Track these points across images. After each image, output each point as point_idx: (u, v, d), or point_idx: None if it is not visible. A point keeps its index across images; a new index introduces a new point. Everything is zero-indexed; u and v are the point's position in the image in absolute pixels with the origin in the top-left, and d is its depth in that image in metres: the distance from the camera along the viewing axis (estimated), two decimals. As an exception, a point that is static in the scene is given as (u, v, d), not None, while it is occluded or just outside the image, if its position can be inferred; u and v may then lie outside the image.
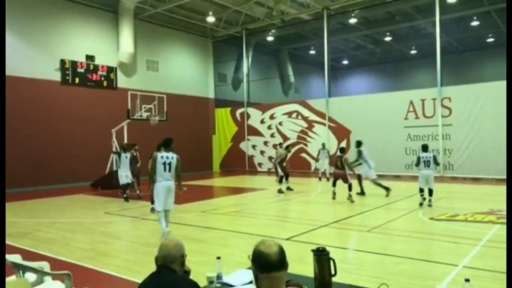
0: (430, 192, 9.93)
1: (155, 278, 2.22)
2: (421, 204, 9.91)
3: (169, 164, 7.11)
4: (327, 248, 2.68)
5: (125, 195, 11.79)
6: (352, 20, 20.93)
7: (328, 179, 16.03)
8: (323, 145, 17.14)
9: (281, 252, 1.95)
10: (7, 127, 14.64)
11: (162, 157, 7.09)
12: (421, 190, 10.05)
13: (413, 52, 28.06)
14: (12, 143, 14.59)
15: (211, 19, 19.97)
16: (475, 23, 21.37)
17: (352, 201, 10.76)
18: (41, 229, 8.17)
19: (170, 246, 2.29)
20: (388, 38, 25.34)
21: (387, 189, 11.73)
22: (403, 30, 24.21)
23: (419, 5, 20.08)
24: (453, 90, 16.54)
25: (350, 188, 11.05)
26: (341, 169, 11.33)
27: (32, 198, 12.76)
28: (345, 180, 11.14)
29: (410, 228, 7.76)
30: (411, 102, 17.27)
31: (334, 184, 11.48)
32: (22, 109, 15.19)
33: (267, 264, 1.91)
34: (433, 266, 5.26)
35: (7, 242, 7.02)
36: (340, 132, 19.07)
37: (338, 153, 12.17)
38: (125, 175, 11.91)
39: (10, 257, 3.68)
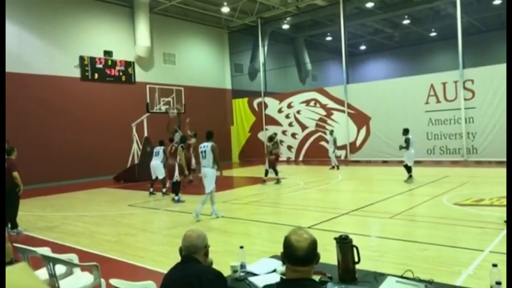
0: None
1: (180, 269, 2.25)
2: (410, 177, 11.44)
3: (204, 152, 8.01)
4: (350, 236, 2.67)
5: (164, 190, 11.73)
6: (369, 4, 20.47)
7: (335, 167, 16.24)
8: (331, 132, 17.07)
9: (310, 247, 1.91)
10: (31, 125, 15.06)
11: (200, 146, 8.21)
12: (410, 169, 11.56)
13: (433, 34, 27.33)
14: (36, 140, 14.98)
15: (225, 9, 19.91)
16: (497, 2, 20.61)
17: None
18: (68, 223, 8.40)
19: (193, 237, 2.32)
20: (406, 21, 24.73)
21: (410, 176, 11.68)
22: (422, 12, 23.55)
23: (438, -15, 19.50)
24: (476, 72, 16.07)
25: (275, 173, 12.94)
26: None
27: (58, 192, 13.10)
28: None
29: (434, 213, 7.64)
30: (432, 86, 16.87)
31: (266, 174, 13.09)
32: (44, 106, 15.55)
33: (294, 257, 1.90)
34: (459, 251, 5.18)
35: (36, 235, 7.27)
36: (360, 118, 18.83)
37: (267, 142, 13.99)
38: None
39: (40, 250, 3.80)
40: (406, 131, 12.39)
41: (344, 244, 2.63)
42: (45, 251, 3.85)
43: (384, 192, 10.33)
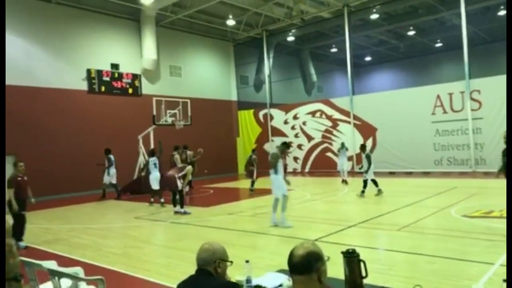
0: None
1: (193, 281, 2.24)
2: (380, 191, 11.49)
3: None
4: (357, 249, 2.64)
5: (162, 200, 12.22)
6: (374, 16, 20.59)
7: (344, 181, 15.20)
8: (342, 144, 16.19)
9: (307, 256, 1.88)
10: (40, 137, 15.20)
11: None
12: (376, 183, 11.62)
13: (438, 45, 27.35)
14: (44, 152, 15.09)
15: (231, 22, 20.10)
16: (502, 13, 20.64)
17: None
18: (74, 235, 8.41)
19: (201, 250, 2.32)
20: (411, 32, 24.80)
21: (380, 190, 11.79)
22: (427, 23, 23.64)
23: (443, -3, 19.58)
24: (483, 82, 16.01)
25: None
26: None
27: (64, 205, 13.14)
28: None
29: (442, 226, 7.55)
30: (438, 96, 16.83)
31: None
32: (52, 118, 15.70)
33: (289, 264, 1.90)
34: (468, 265, 5.10)
35: (43, 248, 7.28)
36: (366, 129, 18.79)
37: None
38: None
39: (46, 264, 3.80)
40: (364, 147, 12.36)
41: (351, 258, 2.60)
42: (51, 264, 3.84)
43: (391, 203, 10.24)
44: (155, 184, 12.47)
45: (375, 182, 11.72)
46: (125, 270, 5.65)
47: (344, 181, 15.23)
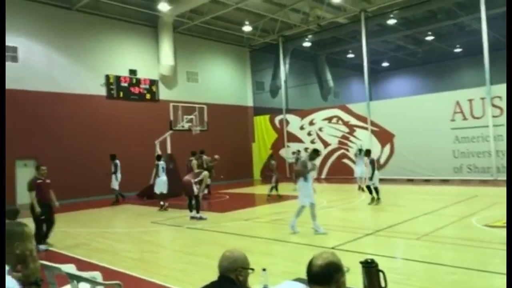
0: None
1: (211, 286, 2.26)
2: (379, 199, 11.23)
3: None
4: (374, 257, 2.60)
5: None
6: (391, 21, 20.44)
7: (362, 188, 14.51)
8: (360, 150, 15.54)
9: (327, 267, 1.87)
10: (60, 141, 15.52)
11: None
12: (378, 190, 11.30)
13: (458, 50, 26.92)
14: (63, 156, 15.38)
15: (247, 28, 20.23)
16: (524, 17, 20.19)
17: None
18: (92, 239, 8.52)
19: (223, 257, 2.32)
20: (430, 38, 24.50)
21: (378, 198, 11.53)
22: (445, 28, 23.32)
23: (462, 1, 19.28)
24: (505, 88, 15.66)
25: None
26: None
27: (82, 208, 13.35)
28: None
29: (463, 235, 7.39)
30: (458, 102, 16.55)
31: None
32: (72, 123, 16.06)
33: (308, 274, 1.88)
34: (489, 276, 4.98)
35: (62, 251, 7.40)
36: (383, 136, 18.59)
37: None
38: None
39: (65, 267, 3.86)
40: (369, 152, 12.12)
41: (370, 268, 2.57)
42: (70, 268, 3.90)
43: (409, 211, 10.08)
44: (162, 188, 12.69)
45: (376, 190, 11.48)
46: (142, 275, 5.69)
47: (361, 188, 14.89)
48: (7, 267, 2.18)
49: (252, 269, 2.35)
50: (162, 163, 13.28)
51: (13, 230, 2.26)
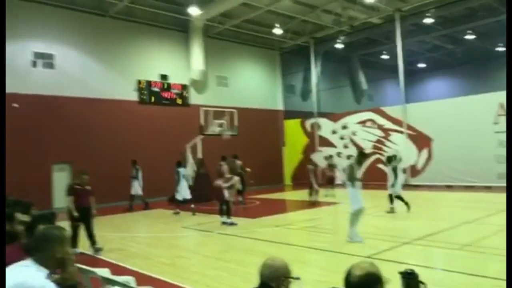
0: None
1: None
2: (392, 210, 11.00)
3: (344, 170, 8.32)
4: (413, 268, 2.53)
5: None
6: (428, 20, 19.89)
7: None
8: (394, 156, 15.16)
9: (365, 277, 1.84)
10: (92, 146, 16.05)
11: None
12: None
13: (500, 49, 25.88)
14: (97, 161, 15.87)
15: (278, 31, 20.25)
16: None
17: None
18: (125, 243, 8.74)
19: (264, 266, 2.33)
20: (469, 36, 23.66)
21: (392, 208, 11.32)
22: (487, 26, 22.45)
23: (505, -3, 18.57)
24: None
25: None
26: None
27: (115, 213, 13.71)
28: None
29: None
30: (501, 104, 15.89)
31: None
32: (105, 128, 16.56)
33: (345, 285, 1.86)
34: (540, 290, 4.72)
35: (97, 255, 7.63)
36: (421, 140, 18.11)
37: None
38: None
39: (100, 271, 3.98)
40: (390, 159, 11.83)
41: (410, 279, 2.49)
42: (105, 272, 4.02)
43: (449, 220, 9.75)
44: (185, 194, 13.14)
45: (398, 198, 11.18)
46: (174, 281, 5.78)
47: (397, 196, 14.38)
48: (46, 271, 2.27)
49: (298, 278, 2.34)
50: (182, 170, 13.58)
51: (53, 234, 2.36)
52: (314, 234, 9.10)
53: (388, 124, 19.39)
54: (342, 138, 21.24)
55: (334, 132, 21.63)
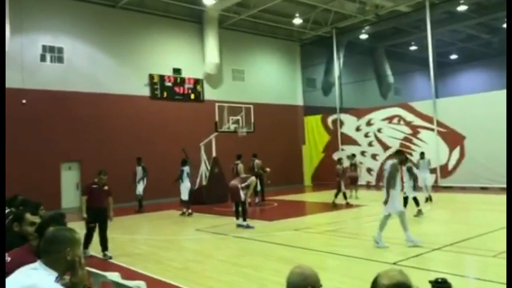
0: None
1: None
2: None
3: (385, 170, 8.11)
4: (444, 276, 2.49)
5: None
6: (461, 8, 19.54)
7: (428, 198, 13.53)
8: (422, 154, 14.48)
9: (394, 287, 1.82)
10: (103, 143, 16.30)
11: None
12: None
13: (542, 38, 25.22)
14: (107, 159, 16.06)
15: (298, 20, 20.18)
16: None
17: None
18: (136, 246, 8.87)
19: (293, 274, 2.33)
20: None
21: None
22: (527, 13, 21.92)
23: (547, -18, 18.06)
24: None
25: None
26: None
27: (125, 214, 13.89)
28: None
29: (549, 253, 6.89)
30: (542, 99, 15.49)
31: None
32: (116, 125, 16.80)
33: None
34: None
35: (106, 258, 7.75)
36: (452, 138, 17.80)
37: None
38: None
39: (110, 275, 4.05)
40: (405, 160, 11.32)
41: (442, 289, 2.46)
42: (115, 276, 4.09)
43: (484, 224, 9.57)
44: (185, 194, 13.23)
45: (415, 200, 11.02)
46: (186, 286, 5.83)
47: (428, 198, 14.14)
48: (55, 274, 2.32)
49: (320, 285, 2.34)
50: (186, 169, 13.69)
51: (64, 235, 2.40)
52: (335, 238, 9.06)
53: (416, 121, 19.12)
54: (366, 136, 21.06)
55: (358, 129, 21.46)
